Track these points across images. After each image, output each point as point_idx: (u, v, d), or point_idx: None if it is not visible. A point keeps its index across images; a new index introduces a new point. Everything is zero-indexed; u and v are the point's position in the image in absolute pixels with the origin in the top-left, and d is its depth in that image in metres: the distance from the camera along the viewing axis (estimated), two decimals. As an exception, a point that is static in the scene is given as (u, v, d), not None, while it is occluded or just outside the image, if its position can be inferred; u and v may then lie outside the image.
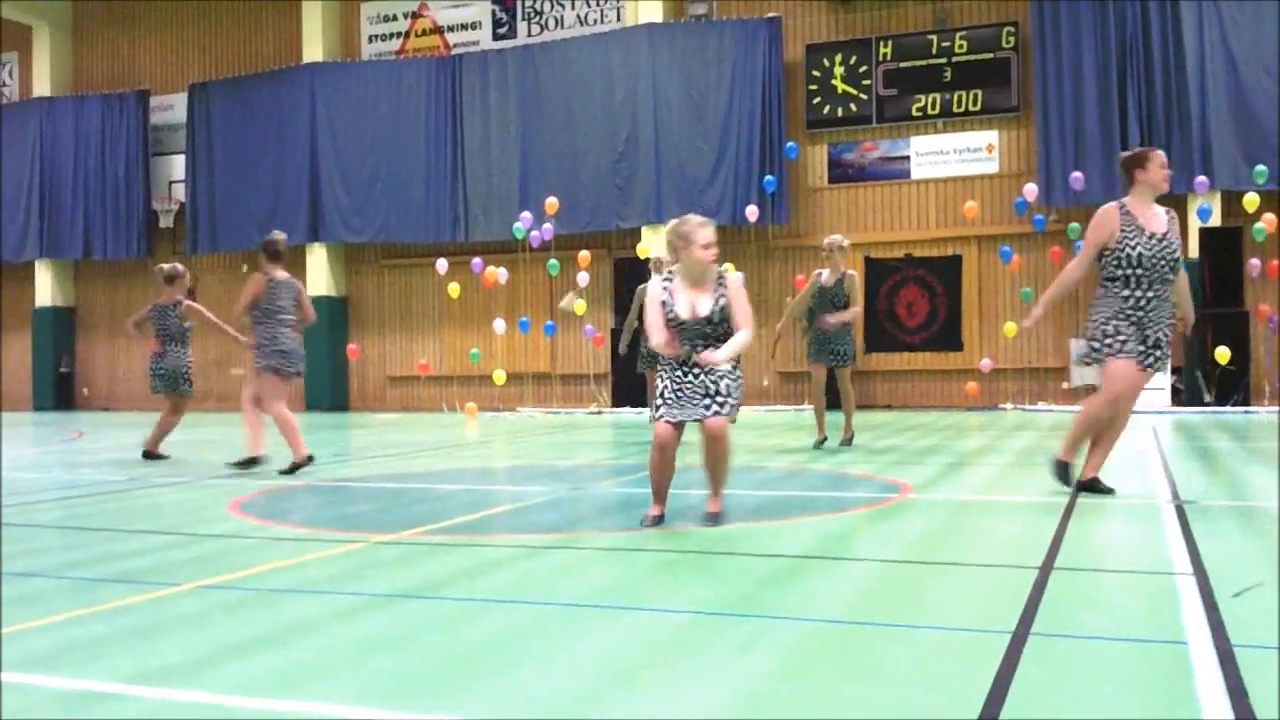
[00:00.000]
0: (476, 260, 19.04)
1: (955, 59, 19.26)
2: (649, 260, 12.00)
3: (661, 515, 6.11)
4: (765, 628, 3.84)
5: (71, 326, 25.89)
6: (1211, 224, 16.92)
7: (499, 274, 18.53)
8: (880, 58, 19.71)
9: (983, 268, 19.25)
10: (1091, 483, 6.95)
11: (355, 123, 22.36)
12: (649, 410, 6.31)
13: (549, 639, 3.72)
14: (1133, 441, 11.30)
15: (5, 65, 26.78)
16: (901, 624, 3.87)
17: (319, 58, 22.84)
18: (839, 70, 19.96)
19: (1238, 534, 5.65)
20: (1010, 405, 18.34)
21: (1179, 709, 2.89)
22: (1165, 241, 6.63)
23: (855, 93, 19.89)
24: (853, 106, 19.91)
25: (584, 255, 18.62)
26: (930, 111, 19.45)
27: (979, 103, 19.16)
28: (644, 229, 20.15)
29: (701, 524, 6.08)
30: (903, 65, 19.58)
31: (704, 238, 5.91)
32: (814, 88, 20.10)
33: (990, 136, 19.27)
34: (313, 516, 6.93)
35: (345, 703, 3.05)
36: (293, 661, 3.48)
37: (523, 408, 20.41)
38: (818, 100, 20.09)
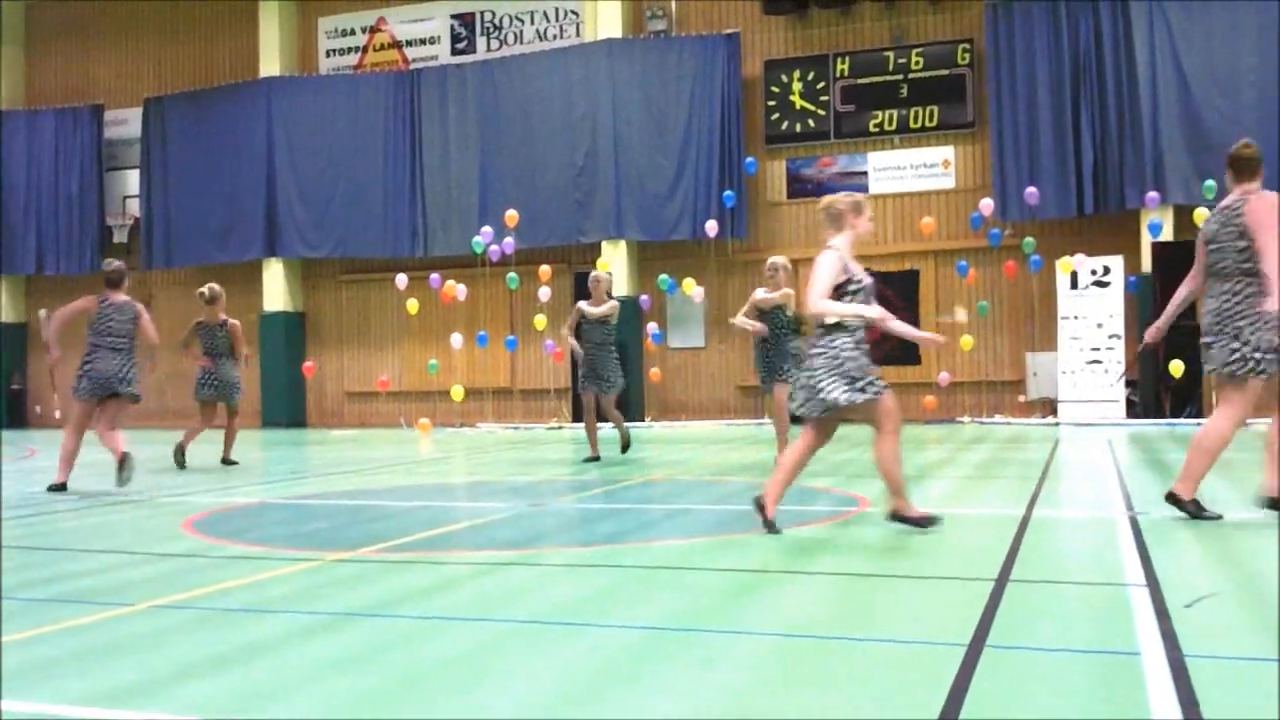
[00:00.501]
0: (435, 276, 18.98)
1: (911, 75, 19.45)
2: (591, 277, 11.98)
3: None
4: (725, 642, 3.84)
5: (24, 343, 25.53)
6: (1164, 238, 17.16)
7: (458, 290, 18.48)
8: (838, 74, 19.87)
9: (940, 281, 19.42)
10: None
11: (313, 137, 22.23)
12: (839, 392, 6.62)
13: (508, 656, 3.71)
14: (1087, 455, 11.43)
15: (-44, 78, 26.44)
16: (859, 637, 3.89)
17: (276, 71, 22.70)
18: (797, 86, 20.10)
19: (1190, 545, 5.73)
20: (968, 418, 18.49)
21: (1132, 718, 2.92)
22: None
23: (813, 108, 20.03)
24: (811, 122, 20.04)
25: (545, 270, 18.61)
26: (887, 127, 19.62)
27: (935, 118, 19.36)
28: (604, 244, 20.17)
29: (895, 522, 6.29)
30: (860, 81, 19.75)
31: (870, 210, 6.57)
32: (772, 103, 20.23)
33: (946, 152, 19.47)
34: (268, 535, 6.86)
35: (301, 723, 3.03)
36: (249, 682, 3.45)
37: (483, 423, 20.34)
38: (776, 116, 20.21)
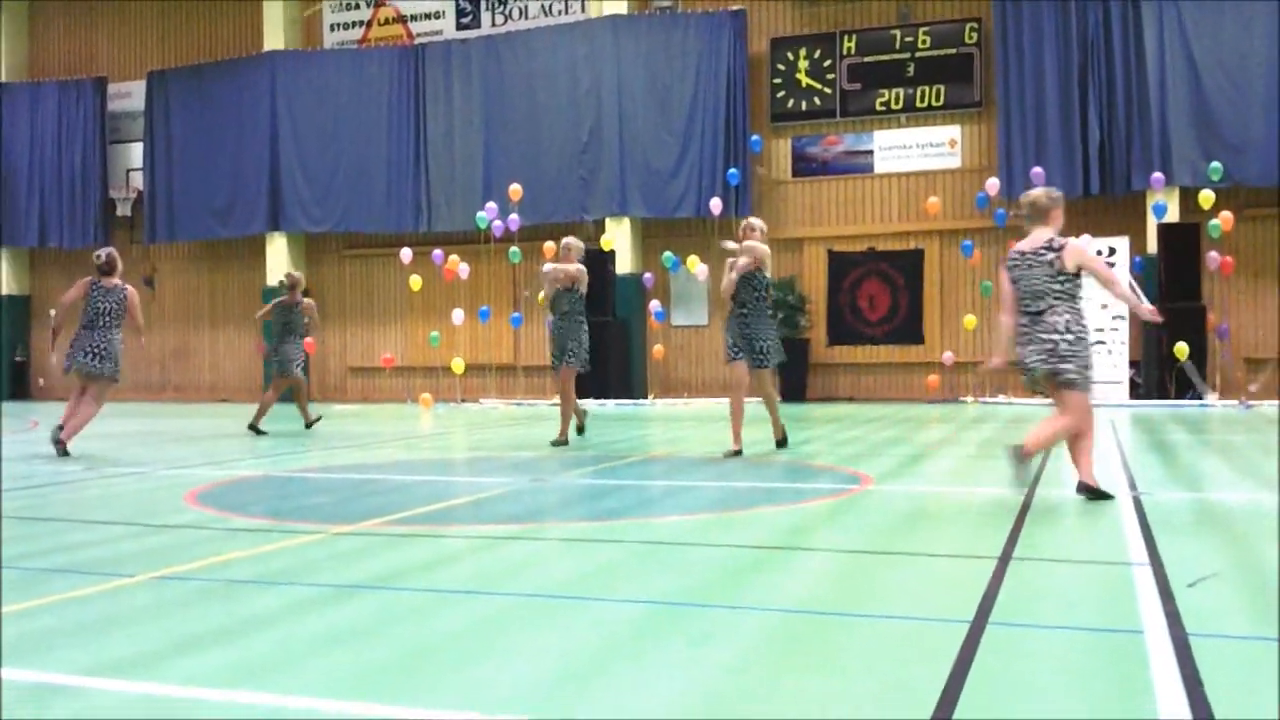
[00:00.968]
0: (438, 252, 18.94)
1: (918, 54, 19.36)
2: (564, 242, 11.13)
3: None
4: (725, 619, 3.84)
5: (27, 316, 25.53)
6: (1170, 220, 17.10)
7: (460, 269, 18.44)
8: (844, 52, 19.77)
9: (944, 262, 19.37)
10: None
11: (316, 112, 22.17)
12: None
13: (510, 630, 3.70)
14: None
15: (-41, 50, 26.36)
16: (861, 614, 3.89)
17: (280, 46, 22.61)
18: (803, 64, 20.00)
19: (1193, 525, 5.72)
20: (971, 398, 18.46)
21: (1135, 697, 2.91)
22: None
23: (819, 87, 19.94)
24: (817, 100, 19.96)
25: (549, 246, 18.53)
26: (894, 106, 19.53)
27: (942, 98, 19.27)
28: (608, 220, 20.12)
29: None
30: (866, 60, 19.65)
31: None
32: (778, 81, 20.14)
33: (953, 131, 19.38)
34: (271, 508, 6.86)
35: (304, 695, 3.02)
36: (251, 654, 3.45)
37: (486, 399, 20.34)
38: (782, 94, 20.12)
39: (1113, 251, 17.19)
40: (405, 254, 19.11)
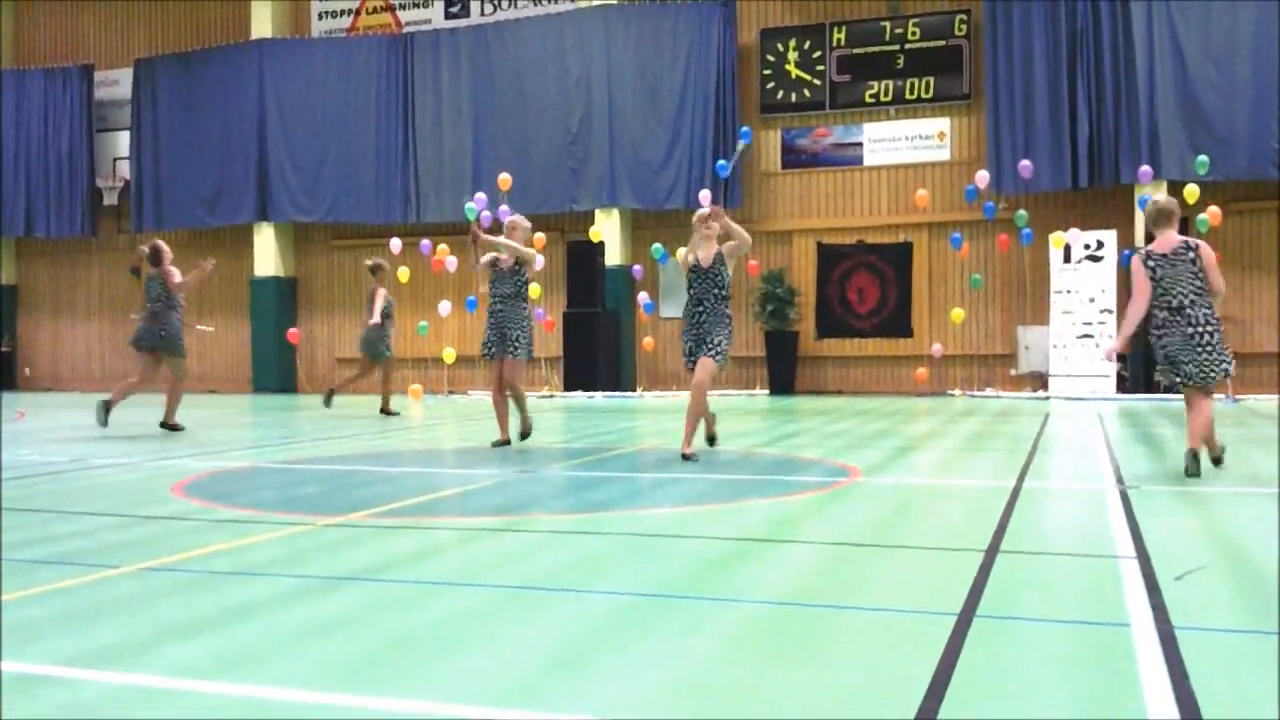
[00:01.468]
0: (425, 242, 18.90)
1: (908, 46, 19.35)
2: (509, 221, 9.83)
3: None
4: (711, 610, 3.84)
5: (13, 305, 25.41)
6: (1157, 213, 17.11)
7: (448, 261, 18.39)
8: (834, 43, 19.76)
9: (933, 254, 19.39)
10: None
11: (304, 101, 22.08)
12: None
13: (494, 622, 3.70)
14: (1078, 428, 11.46)
15: (-56, 37, 26.19)
16: (848, 606, 3.89)
17: (268, 34, 22.52)
18: (793, 55, 19.99)
19: (1180, 518, 5.73)
20: (958, 391, 18.51)
21: (1121, 690, 2.92)
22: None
23: (809, 78, 19.93)
24: (806, 92, 19.95)
25: (540, 237, 18.48)
26: (883, 98, 19.54)
27: (931, 90, 19.28)
28: (597, 212, 20.09)
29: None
30: (856, 51, 19.65)
31: None
32: (768, 72, 20.12)
33: (942, 124, 19.40)
34: (257, 499, 6.84)
35: (289, 686, 3.01)
36: (236, 644, 3.43)
37: (474, 390, 20.31)
38: (771, 85, 20.11)
39: (1100, 245, 17.24)
40: (395, 244, 19.03)
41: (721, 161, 11.91)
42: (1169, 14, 17.40)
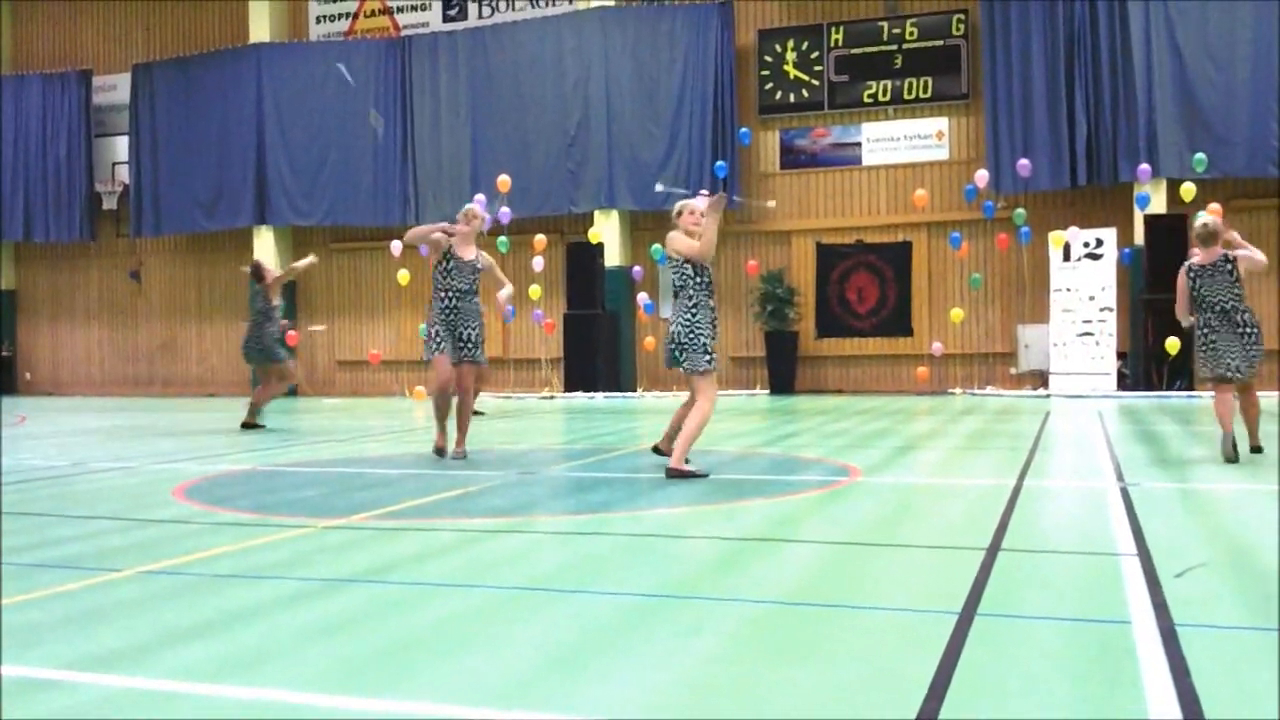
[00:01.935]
0: (424, 246, 18.86)
1: (906, 46, 19.36)
2: (466, 209, 9.37)
3: None
4: (712, 611, 3.84)
5: (13, 310, 25.41)
6: (1157, 212, 17.13)
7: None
8: (832, 44, 19.76)
9: (932, 253, 19.40)
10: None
11: (302, 105, 22.08)
12: None
13: (495, 623, 3.70)
14: (1078, 426, 11.46)
15: (-58, 42, 26.19)
16: (849, 605, 3.89)
17: (266, 38, 22.52)
18: (791, 56, 19.99)
19: (1181, 516, 5.74)
20: (959, 390, 18.51)
21: (1123, 687, 2.92)
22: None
23: (807, 79, 19.93)
24: (804, 92, 19.95)
25: (540, 239, 18.51)
26: (881, 98, 19.54)
27: (929, 90, 19.28)
28: (596, 213, 20.09)
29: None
30: (854, 51, 19.65)
31: None
32: (766, 73, 20.12)
33: (940, 123, 19.40)
34: (259, 502, 6.84)
35: (291, 688, 3.01)
36: (237, 647, 3.43)
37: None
38: (770, 86, 20.11)
39: (1100, 243, 17.23)
40: (395, 246, 19.02)
41: (660, 187, 11.86)
42: (1167, 12, 17.40)
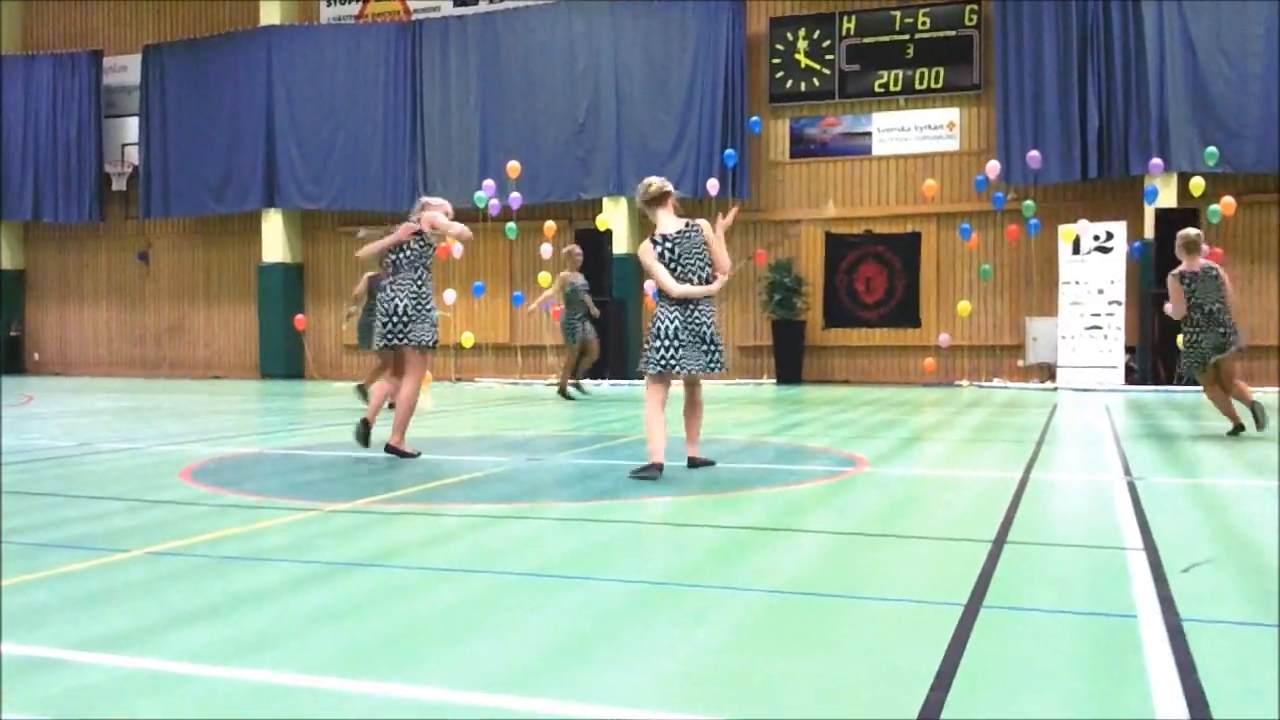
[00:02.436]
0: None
1: (918, 35, 19.29)
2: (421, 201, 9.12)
3: None
4: (717, 599, 3.83)
5: (22, 290, 25.46)
6: (1168, 205, 17.08)
7: (455, 248, 18.36)
8: (843, 33, 19.69)
9: (941, 245, 19.35)
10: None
11: (312, 88, 22.07)
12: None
13: (501, 609, 3.70)
14: (1085, 420, 11.44)
15: (-47, 22, 26.19)
16: (854, 596, 3.89)
17: (276, 20, 22.50)
18: (802, 44, 19.92)
19: (1188, 510, 5.72)
20: (966, 382, 18.48)
21: (1128, 681, 2.91)
22: None
23: (818, 67, 19.87)
24: (815, 81, 19.89)
25: (550, 226, 18.48)
26: (892, 88, 19.47)
27: (941, 80, 19.21)
28: (605, 200, 20.07)
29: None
30: (866, 41, 19.58)
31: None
32: (777, 61, 20.06)
33: (951, 114, 19.33)
34: (265, 485, 6.85)
35: (297, 671, 3.02)
36: (244, 630, 3.44)
37: (483, 378, 20.32)
38: (780, 74, 20.05)
39: (1110, 236, 17.18)
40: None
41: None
42: (1180, 6, 17.31)
